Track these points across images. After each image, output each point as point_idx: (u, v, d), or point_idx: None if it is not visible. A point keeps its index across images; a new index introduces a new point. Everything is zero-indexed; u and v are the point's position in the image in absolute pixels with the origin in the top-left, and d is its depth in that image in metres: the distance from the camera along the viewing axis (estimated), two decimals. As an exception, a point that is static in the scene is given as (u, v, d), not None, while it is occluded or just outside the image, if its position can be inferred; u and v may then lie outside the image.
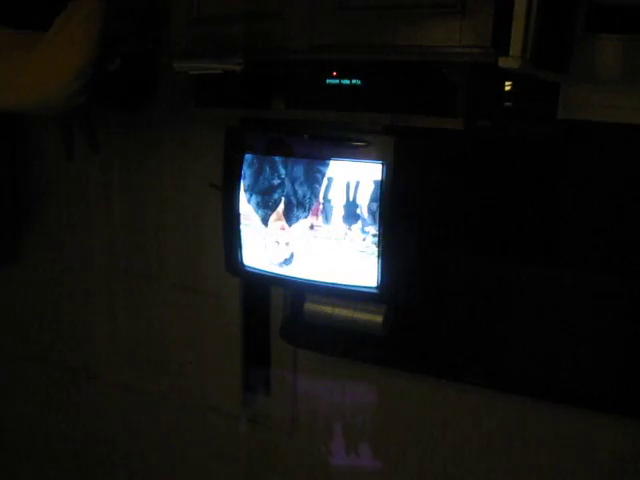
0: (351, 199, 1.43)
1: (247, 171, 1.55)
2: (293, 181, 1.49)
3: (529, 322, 1.58)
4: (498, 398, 1.69)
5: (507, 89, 1.39)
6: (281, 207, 1.52)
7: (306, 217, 1.49)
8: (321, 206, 1.47)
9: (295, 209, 1.50)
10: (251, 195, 1.56)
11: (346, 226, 1.44)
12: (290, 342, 1.92)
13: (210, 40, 1.48)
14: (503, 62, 1.17)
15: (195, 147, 1.98)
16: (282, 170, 1.51)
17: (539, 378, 1.58)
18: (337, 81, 1.39)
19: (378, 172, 1.39)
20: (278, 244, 1.54)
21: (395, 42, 1.27)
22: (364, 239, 1.43)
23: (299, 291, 1.71)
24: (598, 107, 1.41)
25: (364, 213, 1.42)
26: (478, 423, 1.76)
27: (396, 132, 1.38)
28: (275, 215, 1.53)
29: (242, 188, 1.57)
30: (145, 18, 1.69)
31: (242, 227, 1.58)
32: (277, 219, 1.53)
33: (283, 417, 2.09)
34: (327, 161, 1.45)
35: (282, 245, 1.54)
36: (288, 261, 1.54)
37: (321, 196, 1.47)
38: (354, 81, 1.37)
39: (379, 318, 1.57)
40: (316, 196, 1.47)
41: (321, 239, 1.48)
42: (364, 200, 1.42)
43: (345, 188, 1.44)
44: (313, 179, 1.47)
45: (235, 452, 2.21)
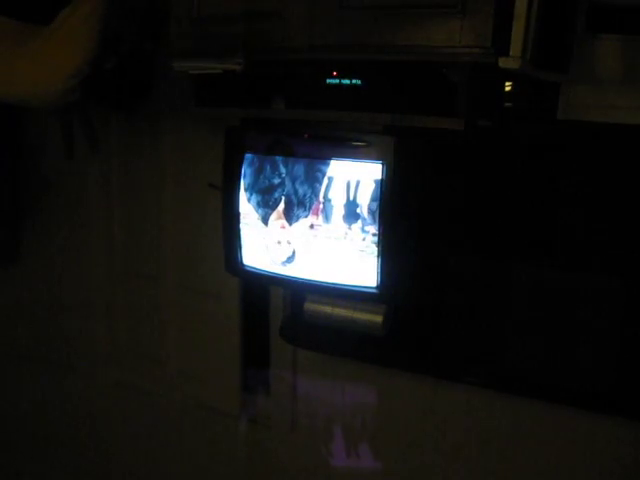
0: (351, 199, 1.44)
1: (247, 170, 1.55)
2: (294, 180, 1.49)
3: (529, 322, 1.58)
4: (498, 398, 1.69)
5: (507, 89, 1.39)
6: (281, 206, 1.52)
7: (306, 216, 1.49)
8: (321, 205, 1.47)
9: (295, 208, 1.50)
10: (251, 194, 1.56)
11: (346, 225, 1.44)
12: (290, 342, 1.92)
13: (210, 40, 1.48)
14: (503, 62, 1.18)
15: (195, 147, 1.99)
16: (283, 169, 1.51)
17: (539, 378, 1.58)
18: (337, 81, 1.39)
19: (378, 172, 1.39)
20: (279, 244, 1.54)
21: (395, 42, 1.27)
22: (364, 239, 1.43)
23: (299, 291, 1.71)
24: (598, 107, 1.41)
25: (364, 213, 1.42)
26: (478, 423, 1.76)
27: (396, 132, 1.38)
28: (275, 214, 1.53)
29: (242, 187, 1.57)
30: (144, 17, 1.69)
31: (242, 227, 1.58)
32: (277, 218, 1.53)
33: (283, 417, 2.09)
34: (327, 161, 1.45)
35: (284, 244, 1.54)
36: (289, 260, 1.54)
37: (321, 195, 1.47)
38: (354, 81, 1.37)
39: (379, 318, 1.57)
40: (316, 195, 1.47)
41: (321, 238, 1.48)
42: (364, 200, 1.42)
43: (345, 188, 1.44)
44: (313, 178, 1.47)
45: (235, 452, 2.22)
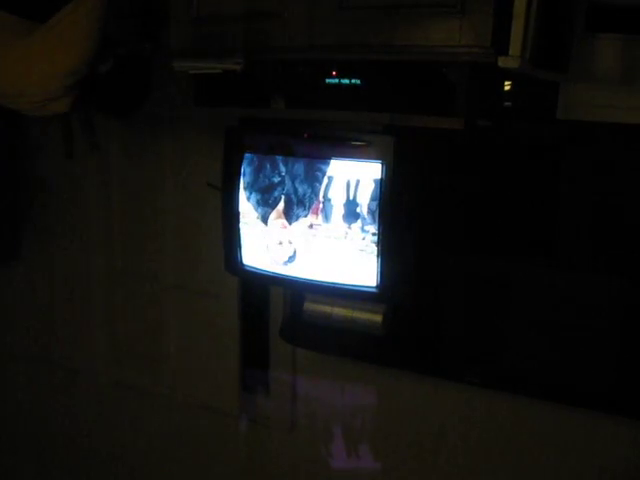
0: (351, 198, 1.44)
1: (247, 169, 1.55)
2: (293, 179, 1.49)
3: (528, 322, 1.58)
4: (497, 398, 1.69)
5: (507, 89, 1.39)
6: (281, 205, 1.52)
7: (306, 216, 1.49)
8: (321, 205, 1.47)
9: (295, 207, 1.50)
10: (251, 193, 1.56)
11: (346, 225, 1.44)
12: (289, 342, 1.91)
13: (210, 40, 1.48)
14: (503, 62, 1.18)
15: (195, 146, 1.99)
16: (282, 168, 1.51)
17: (538, 378, 1.58)
18: (337, 81, 1.39)
19: (378, 171, 1.39)
20: (281, 244, 1.54)
21: (395, 42, 1.27)
22: (364, 238, 1.43)
23: (298, 291, 1.71)
24: (597, 107, 1.41)
25: (364, 212, 1.42)
26: (477, 422, 1.76)
27: (396, 132, 1.39)
28: (275, 213, 1.53)
29: (242, 186, 1.56)
30: (143, 18, 1.69)
31: (242, 226, 1.58)
32: (277, 217, 1.53)
33: (282, 417, 2.08)
34: (327, 160, 1.45)
35: (285, 244, 1.54)
36: (290, 260, 1.54)
37: (321, 195, 1.47)
38: (354, 81, 1.37)
39: (378, 317, 1.57)
40: (316, 195, 1.47)
41: (321, 238, 1.48)
42: (364, 199, 1.42)
43: (345, 187, 1.44)
44: (313, 178, 1.47)
45: (234, 452, 2.21)
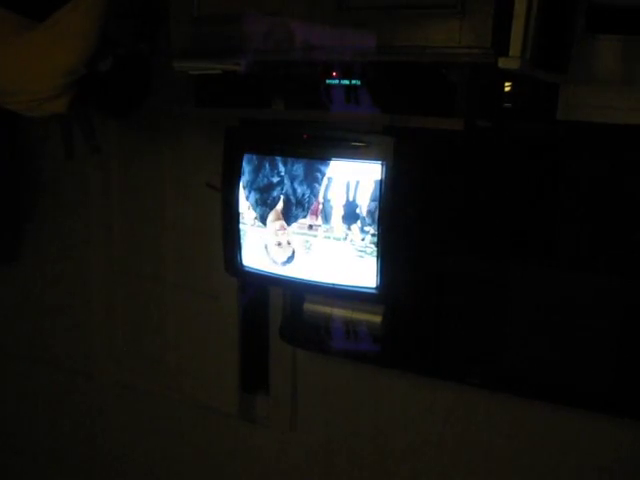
0: (350, 199, 1.43)
1: (246, 167, 1.55)
2: (292, 179, 1.49)
3: (528, 323, 1.58)
4: (497, 398, 1.69)
5: (507, 90, 1.39)
6: (280, 206, 1.52)
7: (305, 217, 1.49)
8: (320, 206, 1.47)
9: (294, 208, 1.50)
10: (250, 192, 1.56)
11: (345, 226, 1.44)
12: (289, 342, 1.92)
13: (210, 40, 1.48)
14: (503, 62, 1.17)
15: (195, 147, 1.99)
16: (282, 168, 1.50)
17: (538, 378, 1.58)
18: (337, 81, 1.39)
19: (378, 172, 1.39)
20: (279, 245, 1.54)
21: (395, 42, 1.27)
22: (363, 239, 1.43)
23: (298, 291, 1.71)
24: (597, 108, 1.41)
25: (363, 213, 1.42)
26: (477, 423, 1.76)
27: (396, 132, 1.38)
28: (274, 214, 1.53)
29: (241, 186, 1.56)
30: (142, 18, 1.69)
31: (241, 227, 1.58)
32: (276, 218, 1.53)
33: (282, 417, 2.09)
34: (327, 161, 1.45)
35: (283, 245, 1.54)
36: (289, 261, 1.54)
37: (321, 196, 1.46)
38: (354, 81, 1.37)
39: (378, 318, 1.57)
40: (315, 195, 1.47)
41: (320, 239, 1.48)
42: (363, 200, 1.41)
43: (345, 188, 1.44)
44: (313, 178, 1.47)
45: (234, 452, 2.22)
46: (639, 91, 1.39)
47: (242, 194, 1.57)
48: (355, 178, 1.42)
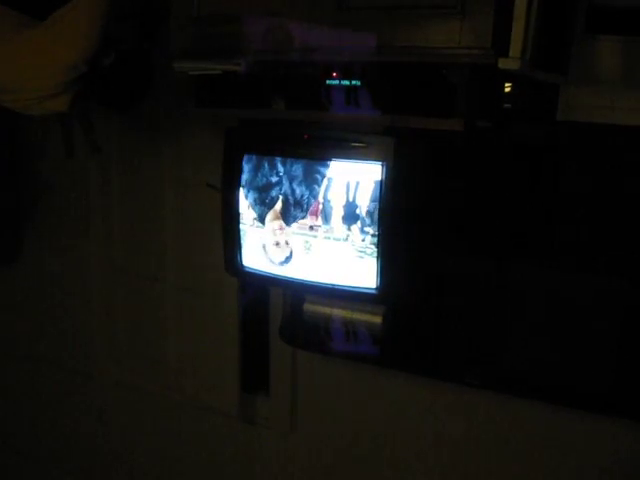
0: (350, 199, 1.43)
1: (246, 168, 1.55)
2: (291, 180, 1.49)
3: (528, 324, 1.58)
4: (497, 399, 1.69)
5: (507, 90, 1.39)
6: (279, 206, 1.52)
7: (304, 217, 1.48)
8: (320, 206, 1.47)
9: (292, 209, 1.50)
10: (249, 192, 1.56)
11: (345, 226, 1.44)
12: (289, 343, 1.91)
13: (210, 40, 1.48)
14: (503, 63, 1.17)
15: (195, 147, 1.99)
16: (280, 168, 1.50)
17: (538, 379, 1.58)
18: (337, 82, 1.39)
19: (378, 173, 1.39)
20: (277, 245, 1.54)
21: (395, 43, 1.27)
22: (363, 239, 1.43)
23: (298, 292, 1.71)
24: (597, 108, 1.41)
25: (363, 213, 1.42)
26: (477, 424, 1.76)
27: (396, 133, 1.38)
28: (272, 214, 1.53)
29: (241, 185, 1.56)
30: (142, 18, 1.69)
31: (241, 227, 1.58)
32: (275, 218, 1.53)
33: (282, 418, 2.09)
34: (327, 161, 1.45)
35: (282, 245, 1.54)
36: (287, 261, 1.54)
37: (321, 196, 1.46)
38: (354, 82, 1.37)
39: (378, 319, 1.57)
40: (315, 196, 1.47)
41: (320, 239, 1.48)
42: (364, 200, 1.41)
43: (345, 188, 1.44)
44: (312, 179, 1.47)
45: (234, 452, 2.21)
46: (639, 92, 1.39)
47: (242, 194, 1.57)
48: (355, 179, 1.42)
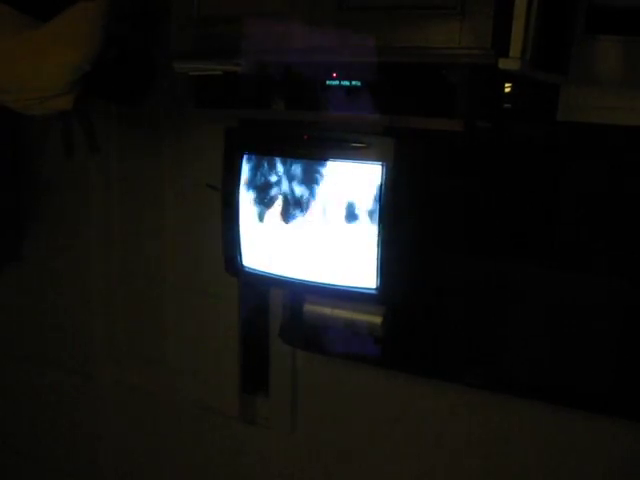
0: (350, 200, 1.43)
1: (246, 168, 1.55)
2: (291, 180, 1.49)
3: (529, 323, 1.58)
4: (497, 399, 1.69)
5: (507, 90, 1.39)
6: (278, 206, 1.52)
7: (304, 217, 1.48)
8: (320, 206, 1.47)
9: (292, 208, 1.50)
10: (249, 192, 1.56)
11: (345, 227, 1.44)
12: (289, 343, 1.91)
13: (210, 41, 1.48)
14: (503, 63, 1.17)
15: (195, 148, 1.99)
16: (280, 168, 1.50)
17: (538, 380, 1.58)
18: (337, 82, 1.39)
19: (378, 173, 1.39)
20: (277, 245, 1.54)
21: (395, 43, 1.27)
22: (363, 240, 1.43)
23: (298, 292, 1.71)
24: (598, 109, 1.41)
25: (363, 214, 1.42)
26: (477, 424, 1.76)
27: (396, 133, 1.38)
28: (272, 214, 1.53)
29: (241, 185, 1.56)
30: (143, 18, 1.69)
31: (241, 227, 1.58)
32: (274, 218, 1.53)
33: (282, 418, 2.09)
34: (326, 162, 1.45)
35: (282, 245, 1.54)
36: (287, 262, 1.54)
37: (320, 196, 1.46)
38: (354, 82, 1.37)
39: (378, 319, 1.57)
40: (315, 196, 1.47)
41: (320, 239, 1.48)
42: (363, 201, 1.41)
43: (345, 189, 1.44)
44: (312, 179, 1.47)
45: (234, 453, 2.21)
46: (640, 92, 1.39)
47: (242, 194, 1.57)
48: (355, 179, 1.42)
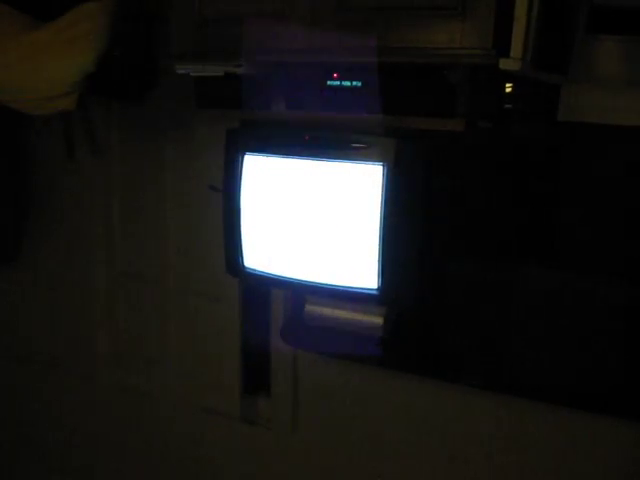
0: (352, 200, 1.43)
1: (246, 167, 1.55)
2: (293, 181, 1.49)
3: (529, 324, 1.58)
4: (498, 400, 1.69)
5: (508, 91, 1.39)
6: (280, 206, 1.52)
7: (305, 218, 1.49)
8: (321, 207, 1.47)
9: (293, 209, 1.50)
10: (249, 190, 1.56)
11: (346, 227, 1.44)
12: (290, 344, 1.91)
13: (212, 42, 1.48)
14: (504, 64, 1.18)
15: (196, 148, 1.99)
16: (282, 169, 1.51)
17: (538, 380, 1.58)
18: (338, 82, 1.39)
19: (379, 174, 1.39)
20: (277, 245, 1.54)
21: (396, 44, 1.27)
22: (365, 241, 1.43)
23: (299, 293, 1.71)
24: (598, 109, 1.41)
25: (365, 215, 1.42)
26: (478, 424, 1.76)
27: (397, 134, 1.38)
28: (273, 214, 1.53)
29: (242, 186, 1.56)
30: (145, 19, 1.70)
31: (242, 228, 1.58)
32: (276, 219, 1.53)
33: (283, 419, 2.09)
34: (328, 162, 1.45)
35: (282, 246, 1.54)
36: (290, 262, 1.54)
37: (321, 197, 1.47)
38: (355, 83, 1.37)
39: (379, 320, 1.57)
40: (316, 197, 1.47)
41: (322, 240, 1.48)
42: (365, 201, 1.41)
43: (345, 189, 1.44)
44: (313, 180, 1.47)
45: (235, 454, 2.21)
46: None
47: (243, 195, 1.57)
48: (356, 179, 1.43)
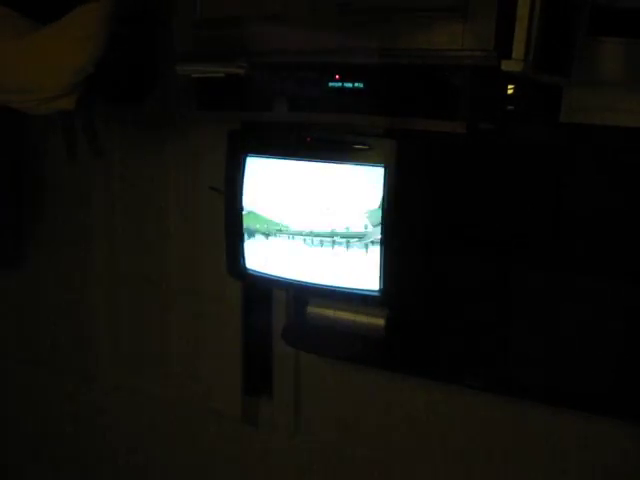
0: (353, 202, 1.43)
1: (248, 169, 1.55)
2: (294, 182, 1.49)
3: (530, 325, 1.58)
4: (498, 401, 1.69)
5: (509, 92, 1.39)
6: (281, 207, 1.52)
7: (306, 219, 1.49)
8: (324, 209, 1.47)
9: (294, 210, 1.50)
10: (250, 192, 1.56)
11: (348, 229, 1.44)
12: (292, 345, 1.91)
13: (213, 43, 1.48)
14: (506, 65, 1.18)
15: (197, 150, 1.99)
16: (284, 171, 1.51)
17: (539, 381, 1.58)
18: (339, 84, 1.39)
19: (380, 175, 1.39)
20: (279, 246, 1.54)
21: (397, 45, 1.27)
22: (366, 242, 1.43)
23: (301, 294, 1.71)
24: (600, 110, 1.41)
25: (366, 216, 1.42)
26: (479, 425, 1.76)
27: (398, 135, 1.38)
28: (278, 217, 1.53)
29: (244, 188, 1.56)
30: (146, 20, 1.70)
31: (244, 229, 1.58)
32: (280, 221, 1.53)
33: (285, 421, 2.08)
34: (329, 164, 1.45)
35: (283, 247, 1.54)
36: (290, 264, 1.54)
37: (323, 199, 1.47)
38: (356, 84, 1.37)
39: (381, 321, 1.57)
40: (317, 198, 1.47)
41: (323, 241, 1.48)
42: (366, 203, 1.41)
43: (347, 191, 1.44)
44: (314, 182, 1.47)
45: (236, 456, 2.21)
46: (642, 93, 1.39)
47: (245, 196, 1.57)
48: (358, 181, 1.43)
